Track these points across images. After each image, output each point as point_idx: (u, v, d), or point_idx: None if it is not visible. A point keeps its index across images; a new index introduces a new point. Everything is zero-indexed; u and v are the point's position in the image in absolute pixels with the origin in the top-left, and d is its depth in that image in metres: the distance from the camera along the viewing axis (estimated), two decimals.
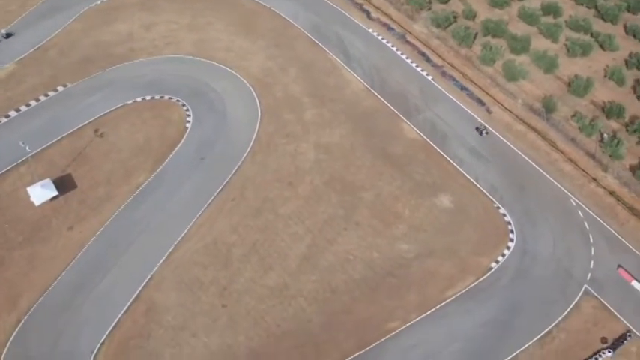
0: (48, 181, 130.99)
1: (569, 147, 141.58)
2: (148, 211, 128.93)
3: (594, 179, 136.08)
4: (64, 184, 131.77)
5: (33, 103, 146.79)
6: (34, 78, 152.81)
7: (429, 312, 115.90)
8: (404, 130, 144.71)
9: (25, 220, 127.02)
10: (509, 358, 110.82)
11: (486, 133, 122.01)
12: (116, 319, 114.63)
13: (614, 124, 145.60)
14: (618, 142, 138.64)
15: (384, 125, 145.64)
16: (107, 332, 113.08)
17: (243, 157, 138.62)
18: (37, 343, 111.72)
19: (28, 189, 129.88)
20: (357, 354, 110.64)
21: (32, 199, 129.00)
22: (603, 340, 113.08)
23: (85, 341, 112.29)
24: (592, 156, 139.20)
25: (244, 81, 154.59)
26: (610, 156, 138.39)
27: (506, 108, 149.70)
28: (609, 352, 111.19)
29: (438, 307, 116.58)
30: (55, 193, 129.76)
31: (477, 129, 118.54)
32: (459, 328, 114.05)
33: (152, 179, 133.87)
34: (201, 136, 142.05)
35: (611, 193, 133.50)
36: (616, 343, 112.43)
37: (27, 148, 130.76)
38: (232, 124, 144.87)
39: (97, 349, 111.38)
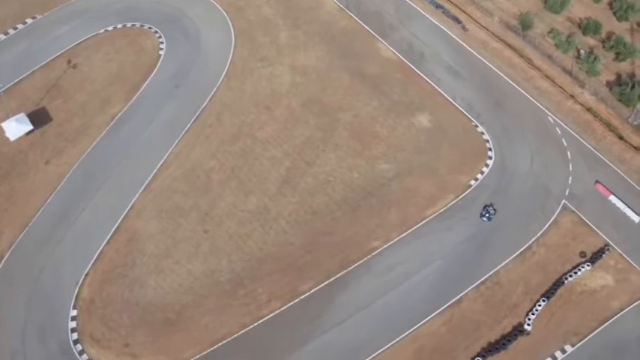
0: (22, 116, 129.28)
1: (546, 64, 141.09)
2: (125, 141, 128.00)
3: (571, 96, 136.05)
4: (39, 118, 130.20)
5: (1, 37, 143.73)
6: (2, 11, 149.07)
7: (409, 230, 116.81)
8: (380, 49, 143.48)
9: (0, 156, 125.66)
10: (490, 273, 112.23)
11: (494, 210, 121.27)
12: (99, 250, 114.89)
13: (590, 41, 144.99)
14: (595, 59, 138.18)
15: (360, 46, 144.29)
16: (91, 263, 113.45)
17: (219, 82, 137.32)
18: (21, 278, 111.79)
19: (2, 124, 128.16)
20: (340, 274, 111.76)
21: (7, 134, 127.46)
22: (582, 254, 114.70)
23: (70, 273, 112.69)
24: (569, 72, 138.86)
25: (217, 6, 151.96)
26: (587, 72, 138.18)
27: (482, 26, 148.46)
28: (588, 265, 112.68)
29: (418, 225, 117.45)
30: (31, 127, 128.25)
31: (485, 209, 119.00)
32: (439, 246, 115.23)
33: (127, 108, 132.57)
34: (175, 62, 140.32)
35: (589, 110, 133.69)
36: (594, 257, 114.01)
37: None
38: (206, 50, 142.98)
39: (81, 280, 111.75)
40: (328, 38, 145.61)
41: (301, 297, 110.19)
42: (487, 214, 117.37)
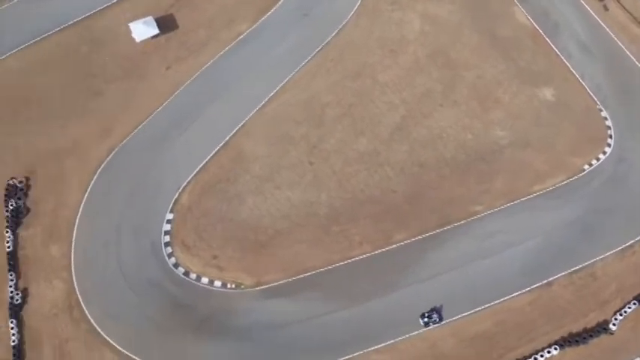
0: (150, 19, 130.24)
1: None
2: (247, 60, 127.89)
3: None
4: (166, 24, 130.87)
5: None
6: None
7: (514, 202, 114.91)
8: (515, 13, 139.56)
9: (124, 55, 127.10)
10: (587, 263, 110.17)
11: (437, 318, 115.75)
12: (204, 162, 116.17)
13: None
14: None
15: (495, 6, 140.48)
16: (194, 172, 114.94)
17: (347, 19, 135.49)
18: (125, 174, 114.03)
19: (130, 25, 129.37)
20: (437, 231, 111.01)
21: (133, 34, 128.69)
22: None
23: (172, 178, 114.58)
24: None
25: None
26: None
27: (625, 8, 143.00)
28: None
29: (524, 199, 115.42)
30: (157, 31, 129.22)
31: None
32: (541, 223, 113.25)
33: (254, 29, 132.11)
34: None
35: None
36: None
37: None
38: None
39: (182, 186, 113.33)
40: None
41: (393, 245, 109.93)
42: (428, 319, 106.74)
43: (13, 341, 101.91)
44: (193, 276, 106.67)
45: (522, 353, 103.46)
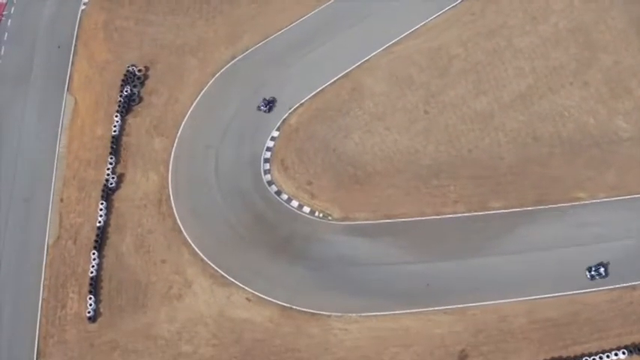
0: None
1: None
2: None
3: None
4: None
5: None
6: None
7: (619, 197, 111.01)
8: None
9: None
10: None
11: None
12: (321, 88, 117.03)
13: None
14: None
15: None
16: (309, 96, 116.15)
17: None
18: (242, 82, 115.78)
19: None
20: (533, 207, 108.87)
21: None
22: None
23: (286, 97, 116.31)
24: None
25: None
26: None
27: None
28: None
29: (629, 197, 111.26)
30: None
31: None
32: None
33: None
34: None
35: None
36: None
37: None
38: None
39: (295, 107, 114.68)
40: None
41: (487, 212, 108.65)
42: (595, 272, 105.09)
43: (99, 222, 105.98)
44: (284, 197, 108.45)
45: (589, 349, 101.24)
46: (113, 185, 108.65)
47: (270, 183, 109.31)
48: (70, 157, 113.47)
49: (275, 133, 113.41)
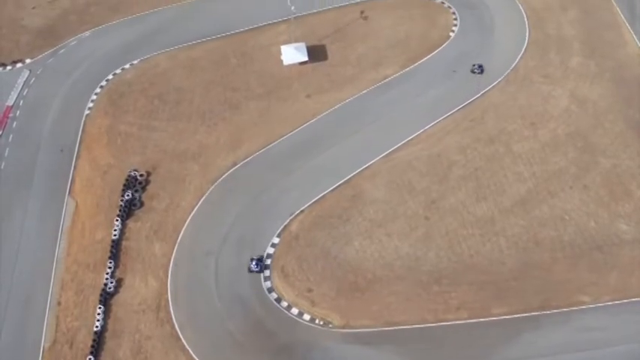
0: (302, 45, 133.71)
1: None
2: (386, 105, 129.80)
3: None
4: (316, 53, 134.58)
5: None
6: None
7: (623, 301, 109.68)
8: None
9: (270, 75, 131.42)
10: None
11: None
12: (322, 195, 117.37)
13: None
14: None
15: None
16: (309, 203, 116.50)
17: (495, 82, 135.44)
18: (242, 190, 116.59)
19: (282, 47, 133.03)
20: (537, 312, 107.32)
21: (283, 57, 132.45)
22: None
23: (287, 203, 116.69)
24: None
25: (520, 7, 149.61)
26: None
27: None
28: None
29: (634, 299, 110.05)
30: (306, 58, 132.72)
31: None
32: None
33: (400, 75, 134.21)
34: (461, 49, 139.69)
35: None
36: None
37: (292, 8, 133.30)
38: (495, 46, 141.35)
39: (295, 213, 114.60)
40: (618, 79, 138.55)
41: (490, 318, 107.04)
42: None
43: (96, 327, 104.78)
44: (284, 304, 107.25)
45: None
46: (112, 289, 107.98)
47: (270, 290, 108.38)
48: (69, 259, 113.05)
49: (276, 240, 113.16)
